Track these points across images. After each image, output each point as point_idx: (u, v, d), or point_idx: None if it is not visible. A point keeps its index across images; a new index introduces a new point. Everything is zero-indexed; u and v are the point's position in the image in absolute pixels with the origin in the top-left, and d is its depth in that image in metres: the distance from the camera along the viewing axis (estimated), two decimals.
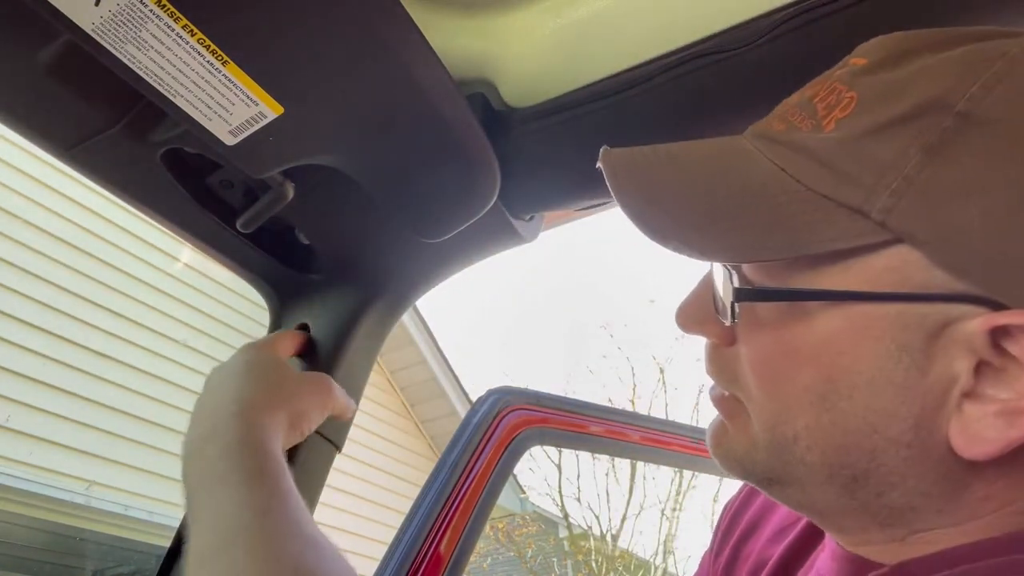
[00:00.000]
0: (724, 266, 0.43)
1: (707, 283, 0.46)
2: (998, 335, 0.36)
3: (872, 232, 0.37)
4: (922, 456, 0.38)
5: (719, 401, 0.47)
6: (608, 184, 0.43)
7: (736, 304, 0.42)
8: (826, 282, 0.39)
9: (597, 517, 9.05)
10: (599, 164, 0.45)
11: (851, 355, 0.38)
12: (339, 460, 0.76)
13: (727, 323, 0.43)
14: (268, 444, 0.54)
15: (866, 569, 0.42)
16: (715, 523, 0.66)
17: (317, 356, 0.75)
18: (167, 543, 0.77)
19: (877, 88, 0.39)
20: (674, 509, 9.05)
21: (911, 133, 0.36)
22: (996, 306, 0.35)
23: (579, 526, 9.17)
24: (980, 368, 0.36)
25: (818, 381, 0.39)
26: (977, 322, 0.36)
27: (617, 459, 8.35)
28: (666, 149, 0.46)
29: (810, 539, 0.53)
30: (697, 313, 0.46)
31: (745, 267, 0.43)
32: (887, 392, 0.38)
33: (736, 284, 0.41)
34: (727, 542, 0.62)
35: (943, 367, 0.37)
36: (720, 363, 0.46)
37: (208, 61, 0.47)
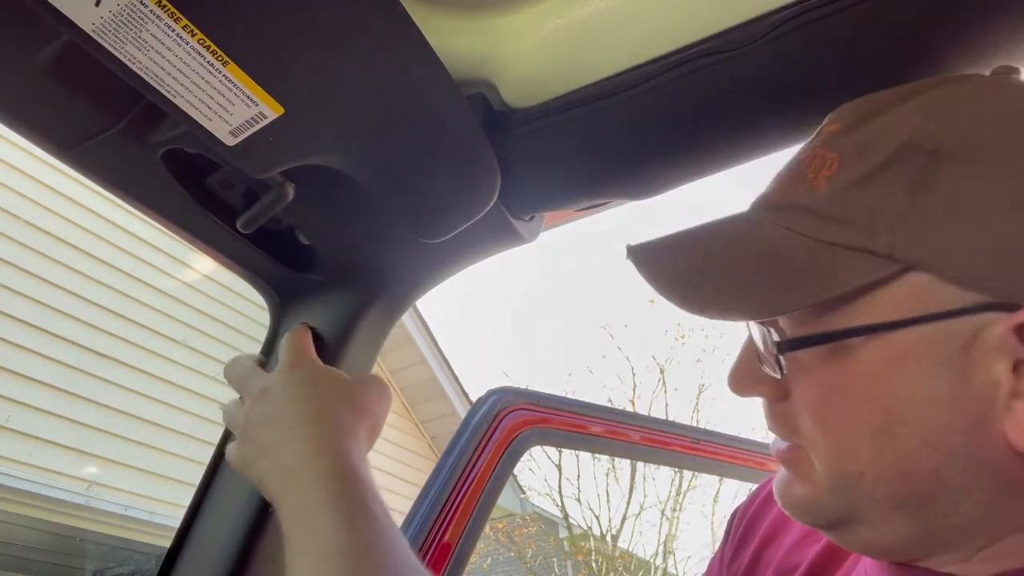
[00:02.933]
0: (761, 326, 0.46)
1: (748, 348, 0.49)
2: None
3: (883, 266, 0.41)
4: (984, 464, 0.40)
5: (781, 454, 0.48)
6: (643, 276, 0.47)
7: (781, 357, 0.45)
8: (857, 319, 0.42)
9: (597, 517, 9.06)
10: (628, 259, 0.49)
11: (898, 381, 0.41)
12: None
13: (777, 377, 0.45)
14: (359, 469, 0.56)
15: None
16: (727, 526, 0.66)
17: (317, 356, 0.75)
18: (167, 543, 0.77)
19: (853, 146, 0.44)
20: (674, 509, 9.06)
21: (892, 176, 0.41)
22: (1012, 308, 0.38)
23: (579, 526, 9.17)
24: (1018, 367, 0.39)
25: (874, 414, 0.41)
26: (1001, 326, 0.38)
27: (617, 459, 8.35)
28: (686, 234, 0.50)
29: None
30: (746, 377, 0.48)
31: (782, 322, 0.46)
32: (938, 409, 0.40)
33: (776, 338, 0.45)
34: (744, 548, 0.62)
35: (984, 373, 0.39)
36: (778, 418, 0.48)
37: (208, 61, 0.47)
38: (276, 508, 0.56)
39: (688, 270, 0.48)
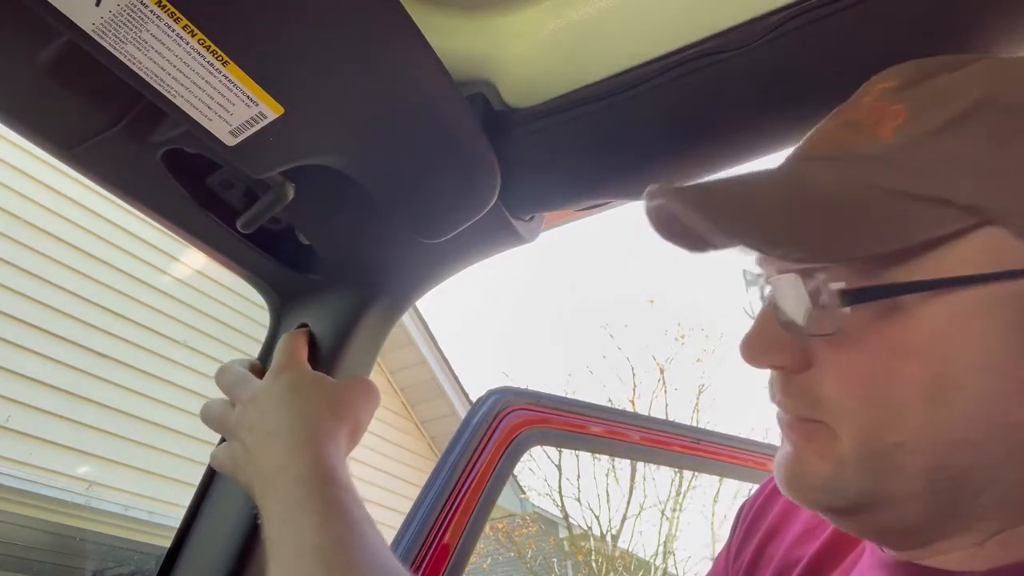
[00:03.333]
0: (804, 279, 0.41)
1: (767, 314, 0.45)
2: None
3: (959, 218, 0.38)
4: None
5: (793, 426, 0.45)
6: (689, 216, 0.41)
7: (836, 312, 0.40)
8: (923, 273, 0.39)
9: (597, 517, 9.06)
10: (654, 203, 0.44)
11: (959, 343, 0.38)
12: None
13: (827, 334, 0.41)
14: (337, 471, 0.57)
15: None
16: (734, 521, 0.66)
17: (317, 356, 0.75)
18: (167, 543, 0.77)
19: (923, 98, 0.42)
20: (674, 509, 9.06)
21: (973, 127, 0.39)
22: None
23: (579, 526, 9.18)
24: None
25: (927, 377, 0.39)
26: None
27: (617, 459, 8.35)
28: (724, 179, 0.45)
29: (844, 539, 0.53)
30: (767, 343, 0.44)
31: (826, 275, 0.41)
32: (997, 375, 0.38)
33: (832, 287, 0.40)
34: (748, 544, 0.61)
35: None
36: (796, 390, 0.44)
37: (208, 61, 0.47)
38: (260, 512, 0.57)
39: (732, 205, 0.42)
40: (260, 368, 0.74)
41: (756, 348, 0.44)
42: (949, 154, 0.39)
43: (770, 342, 0.44)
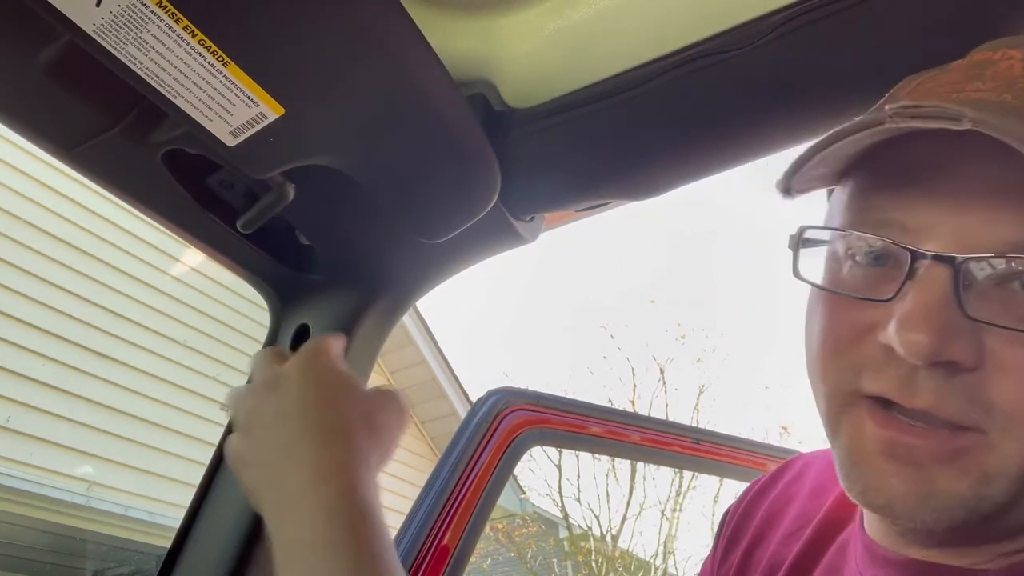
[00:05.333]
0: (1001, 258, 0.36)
1: (946, 295, 0.37)
2: None
3: None
4: None
5: (945, 442, 0.38)
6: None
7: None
8: None
9: (597, 517, 9.06)
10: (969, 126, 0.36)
11: None
12: None
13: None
14: (371, 506, 0.49)
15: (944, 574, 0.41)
16: (719, 527, 0.66)
17: None
18: (167, 543, 0.77)
19: None
20: (674, 510, 9.06)
21: None
22: None
23: (579, 526, 9.18)
24: None
25: None
26: None
27: (617, 459, 8.36)
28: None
29: (822, 538, 0.53)
30: (948, 328, 0.36)
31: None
32: None
33: None
34: (734, 549, 0.61)
35: None
36: (959, 391, 0.37)
37: (209, 62, 0.47)
38: (268, 527, 0.51)
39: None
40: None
41: (934, 334, 0.36)
42: None
43: (953, 326, 0.37)
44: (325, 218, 0.72)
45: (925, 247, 0.38)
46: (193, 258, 5.45)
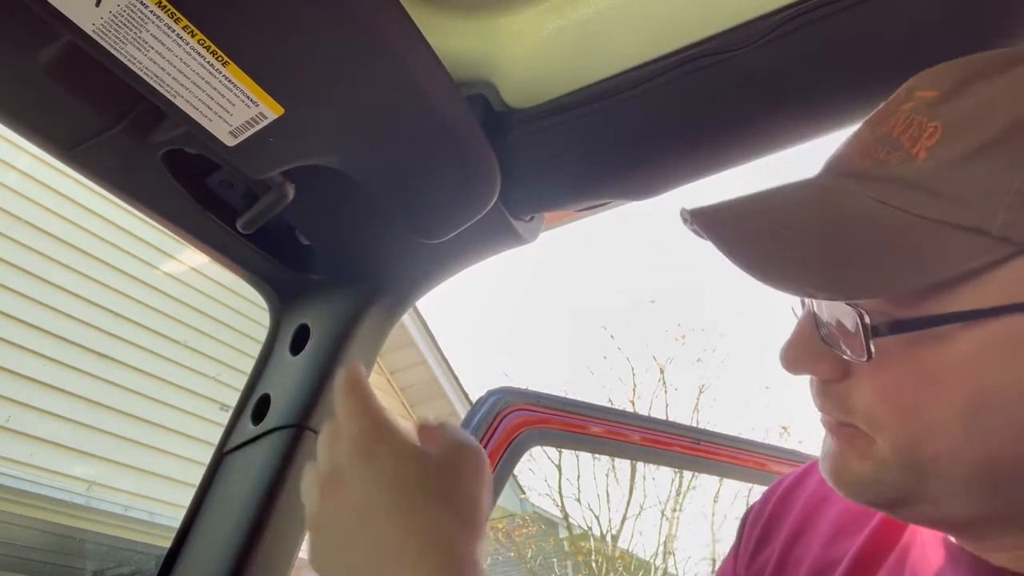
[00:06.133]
0: (845, 305, 0.42)
1: (807, 323, 0.45)
2: None
3: (996, 248, 0.38)
4: None
5: (835, 427, 0.46)
6: (715, 242, 0.42)
7: (871, 340, 0.41)
8: (961, 303, 0.39)
9: (597, 517, 9.06)
10: (691, 226, 0.45)
11: (996, 369, 0.39)
12: None
13: (862, 360, 0.41)
14: None
15: None
16: (740, 529, 0.64)
17: (317, 357, 0.75)
18: (167, 544, 0.77)
19: (960, 116, 0.41)
20: (674, 510, 9.06)
21: (1008, 153, 0.39)
22: None
23: (579, 526, 9.17)
24: None
25: (965, 400, 0.39)
26: None
27: (617, 459, 8.36)
28: (757, 199, 0.46)
29: (888, 536, 0.53)
30: (806, 354, 0.45)
31: (870, 302, 0.42)
32: None
33: (868, 321, 0.41)
34: (765, 548, 0.61)
35: None
36: (833, 398, 0.45)
37: (209, 62, 0.47)
38: None
39: (768, 240, 0.43)
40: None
41: (796, 357, 0.45)
42: (984, 181, 0.39)
43: (810, 351, 0.45)
44: (325, 218, 0.72)
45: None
46: (193, 258, 5.45)
